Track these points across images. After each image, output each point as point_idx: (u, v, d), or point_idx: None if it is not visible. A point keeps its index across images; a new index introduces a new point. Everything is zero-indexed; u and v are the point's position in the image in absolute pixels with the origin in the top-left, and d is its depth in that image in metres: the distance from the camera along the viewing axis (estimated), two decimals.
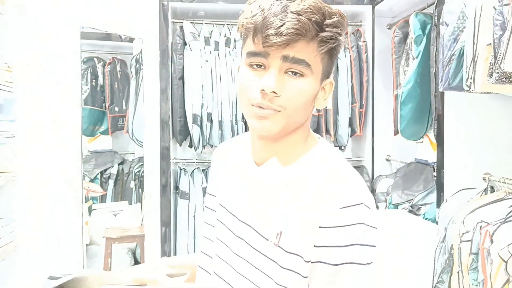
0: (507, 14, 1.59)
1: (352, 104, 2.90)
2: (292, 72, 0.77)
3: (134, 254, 3.44)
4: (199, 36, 2.93)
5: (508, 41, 1.56)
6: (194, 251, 3.01)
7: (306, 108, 0.80)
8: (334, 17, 0.77)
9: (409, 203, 2.43)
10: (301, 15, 0.74)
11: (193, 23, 3.01)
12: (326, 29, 0.76)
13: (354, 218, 0.74)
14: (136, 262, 3.38)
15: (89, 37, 3.58)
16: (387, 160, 3.01)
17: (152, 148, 2.86)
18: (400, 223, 2.20)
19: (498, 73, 1.64)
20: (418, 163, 2.59)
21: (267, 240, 0.80)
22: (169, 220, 2.89)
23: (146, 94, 2.87)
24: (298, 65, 0.76)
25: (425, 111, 2.41)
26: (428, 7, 2.42)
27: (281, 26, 0.73)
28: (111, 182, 3.85)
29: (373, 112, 2.92)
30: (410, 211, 2.36)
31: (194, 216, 2.96)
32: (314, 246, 0.75)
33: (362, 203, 0.76)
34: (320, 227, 0.75)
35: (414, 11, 2.50)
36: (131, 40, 3.55)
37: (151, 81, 2.85)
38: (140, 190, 3.49)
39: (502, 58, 1.59)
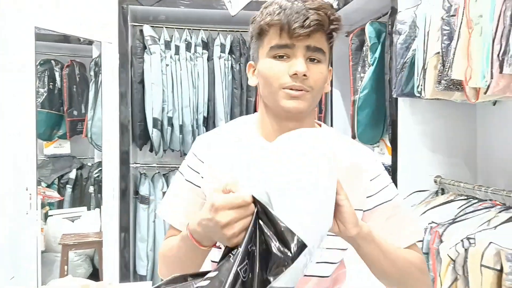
0: (454, 25, 1.68)
1: None
2: (312, 59, 0.93)
3: (92, 260, 3.36)
4: (159, 40, 2.92)
5: (455, 50, 1.64)
6: (154, 257, 2.97)
7: (323, 89, 0.98)
8: (336, 14, 0.94)
9: None
10: (319, 11, 0.90)
11: (153, 27, 2.99)
12: (334, 23, 0.94)
13: (380, 167, 1.05)
14: (95, 269, 3.30)
15: (46, 39, 3.48)
16: None
17: (111, 152, 2.82)
18: None
19: (446, 80, 1.72)
20: None
21: None
22: (128, 225, 2.84)
23: (105, 98, 2.82)
24: (318, 53, 0.93)
25: (381, 116, 2.48)
26: (383, 16, 2.50)
27: (305, 20, 0.89)
28: (69, 188, 3.75)
29: (332, 118, 2.99)
30: None
31: (154, 221, 2.93)
32: (367, 197, 1.00)
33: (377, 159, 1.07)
34: (370, 180, 1.01)
35: (370, 19, 2.58)
36: (90, 43, 3.48)
37: (110, 85, 2.81)
38: (99, 195, 3.41)
39: (449, 66, 1.67)
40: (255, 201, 0.72)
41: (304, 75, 0.91)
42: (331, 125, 2.98)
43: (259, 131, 1.02)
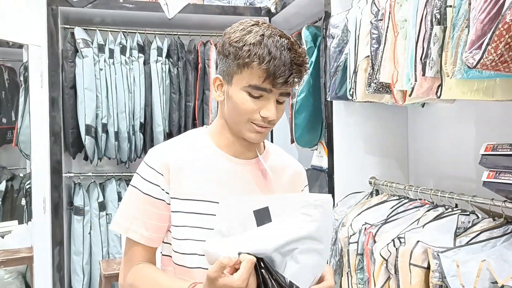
0: (382, 29, 1.72)
1: None
2: (281, 101, 1.03)
3: (24, 278, 3.16)
4: (92, 43, 2.80)
5: (382, 53, 1.67)
6: (90, 271, 2.83)
7: None
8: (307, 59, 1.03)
9: None
10: (302, 66, 0.99)
11: (86, 29, 2.86)
12: (307, 69, 1.03)
13: (306, 181, 1.23)
14: (27, 287, 3.11)
15: None
16: None
17: (41, 162, 2.66)
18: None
19: (375, 83, 1.75)
20: (314, 170, 2.69)
21: None
22: (62, 238, 2.69)
23: (33, 104, 2.66)
24: (287, 96, 1.03)
25: (318, 119, 2.51)
26: (319, 20, 2.54)
27: (290, 76, 0.97)
28: None
29: None
30: None
31: (90, 233, 2.80)
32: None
33: None
34: (301, 190, 1.20)
35: (307, 24, 2.61)
36: (20, 46, 3.29)
37: (39, 90, 2.66)
38: (31, 208, 3.22)
39: (378, 70, 1.70)
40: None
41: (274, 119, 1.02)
42: (272, 130, 2.97)
43: (214, 142, 1.10)
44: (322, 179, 2.64)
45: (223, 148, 1.09)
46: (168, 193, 1.05)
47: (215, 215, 1.02)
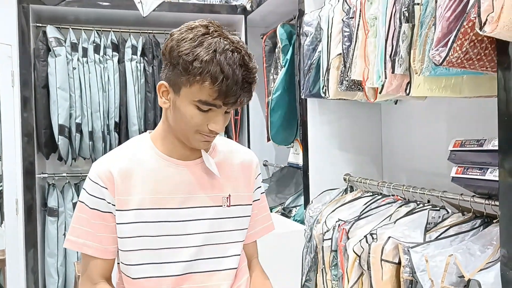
0: (353, 27, 1.73)
1: None
2: (228, 111, 1.01)
3: None
4: (65, 42, 2.75)
5: (354, 51, 1.68)
6: (65, 273, 2.79)
7: None
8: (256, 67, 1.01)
9: (282, 206, 2.51)
10: (252, 84, 0.98)
11: (58, 27, 2.81)
12: (255, 84, 1.01)
13: (259, 169, 1.23)
14: None
15: None
16: (265, 165, 3.10)
17: (12, 162, 2.61)
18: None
19: (347, 81, 1.76)
20: (291, 167, 2.70)
21: (220, 206, 1.10)
22: (36, 240, 2.64)
23: (3, 104, 2.60)
24: (236, 107, 1.02)
25: (294, 117, 2.52)
26: (294, 18, 2.54)
27: (240, 96, 0.96)
28: None
29: (248, 119, 2.99)
30: (282, 214, 2.45)
31: (64, 234, 2.75)
32: (253, 192, 1.18)
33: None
34: (255, 178, 1.19)
35: (282, 22, 2.61)
36: None
37: (10, 90, 2.60)
38: (3, 209, 3.15)
39: (349, 67, 1.71)
40: None
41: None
42: (248, 128, 2.98)
43: (158, 147, 1.09)
44: (298, 176, 2.66)
45: (167, 153, 1.09)
46: (114, 205, 1.06)
47: (162, 221, 1.05)
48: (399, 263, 1.45)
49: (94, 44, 2.79)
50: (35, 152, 2.70)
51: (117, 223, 1.05)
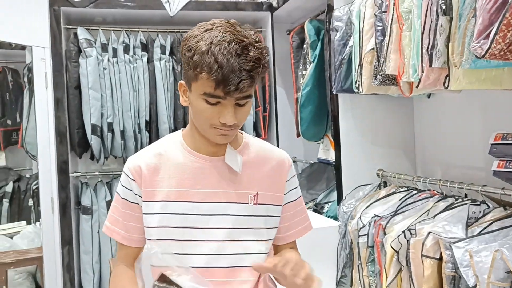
0: (386, 21, 1.71)
1: (256, 108, 2.94)
2: (241, 104, 1.01)
3: (35, 278, 3.18)
4: (95, 43, 2.79)
5: (388, 45, 1.67)
6: (100, 270, 2.85)
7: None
8: (265, 55, 1.00)
9: (313, 202, 2.51)
10: (252, 71, 0.96)
11: (88, 29, 2.86)
12: (263, 69, 1.00)
13: (294, 170, 1.22)
14: (37, 287, 3.13)
15: None
16: (293, 161, 3.09)
17: (47, 162, 2.67)
18: None
19: (381, 75, 1.75)
20: (321, 163, 2.69)
21: (246, 203, 1.10)
22: (71, 238, 2.71)
23: (38, 105, 2.67)
24: (246, 99, 1.02)
25: (324, 112, 2.51)
26: (322, 13, 2.53)
27: (239, 83, 0.95)
28: (5, 202, 3.53)
29: (276, 116, 2.99)
30: (314, 210, 2.44)
31: (98, 232, 2.81)
32: (284, 194, 1.17)
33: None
34: (286, 181, 1.17)
35: (310, 17, 2.60)
36: (23, 48, 3.29)
37: (44, 91, 2.66)
38: (39, 208, 3.23)
39: (383, 62, 1.70)
40: None
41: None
42: (276, 124, 2.98)
43: (187, 143, 1.13)
44: (329, 172, 2.65)
45: (194, 148, 1.12)
46: (141, 197, 1.11)
47: (186, 214, 1.08)
48: (441, 258, 1.44)
49: (124, 44, 2.83)
50: (68, 152, 2.76)
51: (144, 213, 1.11)
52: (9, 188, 3.56)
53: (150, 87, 2.85)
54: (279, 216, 1.16)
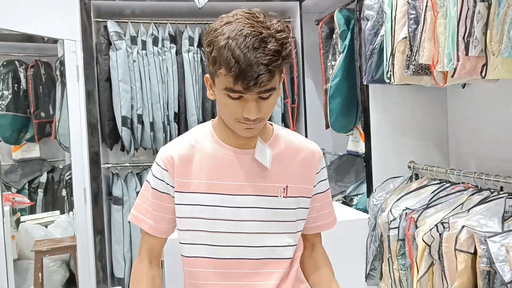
0: (420, 9, 1.66)
1: (284, 99, 2.92)
2: (264, 97, 0.99)
3: (68, 266, 3.28)
4: (125, 35, 2.83)
5: (421, 34, 1.62)
6: (131, 258, 2.91)
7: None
8: (287, 46, 0.97)
9: (342, 194, 2.48)
10: (270, 65, 0.94)
11: (118, 22, 2.89)
12: (284, 61, 0.97)
13: (324, 162, 1.20)
14: (71, 274, 3.22)
15: (8, 39, 3.35)
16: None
17: (80, 153, 2.73)
18: None
19: (414, 65, 1.70)
20: (350, 155, 2.66)
21: (276, 196, 1.10)
22: (103, 228, 2.77)
23: (70, 97, 2.72)
24: (269, 92, 0.99)
25: (353, 104, 2.47)
26: (351, 2, 2.48)
27: (257, 77, 0.93)
28: (40, 192, 3.64)
29: (305, 107, 2.96)
30: (343, 202, 2.42)
31: (129, 223, 2.86)
32: (314, 186, 1.16)
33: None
34: (316, 173, 1.16)
35: (339, 6, 2.55)
36: (55, 41, 3.36)
37: (75, 84, 2.71)
38: (72, 198, 3.31)
39: (417, 51, 1.65)
40: None
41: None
42: (305, 116, 2.95)
43: (217, 135, 1.13)
44: (358, 164, 2.61)
45: (224, 140, 1.11)
46: (173, 187, 1.11)
47: (216, 206, 1.09)
48: (475, 253, 1.40)
49: (153, 36, 2.85)
50: (100, 143, 2.81)
51: (176, 204, 1.11)
52: (43, 178, 3.67)
53: (178, 79, 2.87)
54: (308, 208, 1.16)
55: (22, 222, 3.35)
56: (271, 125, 1.18)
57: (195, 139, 1.13)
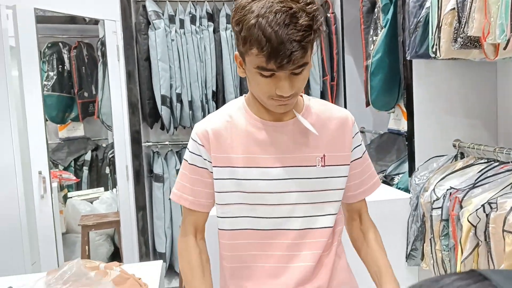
0: None
1: (323, 77, 2.87)
2: (296, 72, 0.97)
3: (113, 240, 3.41)
4: (163, 15, 2.84)
5: (471, 4, 1.53)
6: (172, 234, 2.98)
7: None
8: (318, 18, 0.95)
9: (383, 173, 2.43)
10: (303, 42, 0.92)
11: (156, 1, 2.91)
12: (316, 34, 0.95)
13: (357, 127, 1.18)
14: (116, 248, 3.35)
15: (52, 21, 3.45)
16: (361, 131, 3.01)
17: (121, 132, 2.80)
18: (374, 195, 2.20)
19: (462, 37, 1.61)
20: (391, 134, 2.59)
21: (314, 166, 1.09)
22: (145, 204, 2.85)
23: (111, 77, 2.78)
24: (302, 67, 0.97)
25: (395, 80, 2.39)
26: None
27: (290, 55, 0.91)
28: (85, 169, 3.78)
29: (344, 85, 2.90)
30: (383, 182, 2.37)
31: (169, 199, 2.92)
32: (351, 151, 1.14)
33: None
34: (351, 137, 1.14)
35: None
36: (96, 22, 3.43)
37: (116, 64, 2.77)
38: (115, 175, 3.43)
39: (465, 23, 1.57)
40: None
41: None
42: (344, 93, 2.89)
43: (251, 109, 1.12)
44: (400, 143, 2.54)
45: (259, 115, 1.10)
46: (210, 162, 1.11)
47: (255, 179, 1.08)
48: None
49: (190, 15, 2.85)
50: (140, 122, 2.87)
51: (214, 179, 1.12)
52: (88, 156, 3.81)
53: (216, 57, 2.86)
54: (346, 176, 1.14)
55: (69, 198, 3.50)
56: (301, 96, 1.16)
57: (229, 114, 1.13)
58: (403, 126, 2.34)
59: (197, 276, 1.14)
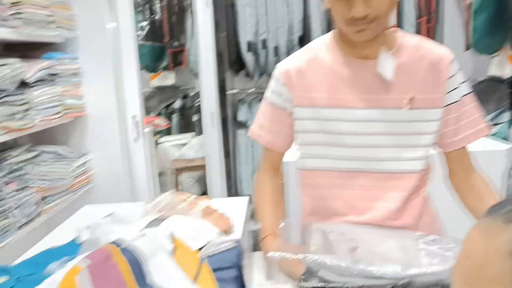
0: None
1: (418, 18, 2.65)
2: None
3: (200, 184, 3.59)
4: None
5: None
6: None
7: (391, 10, 0.98)
8: None
9: None
10: None
11: None
12: None
13: (457, 65, 1.06)
14: (205, 192, 3.53)
15: None
16: None
17: (208, 79, 2.86)
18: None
19: None
20: (491, 81, 2.35)
21: (402, 108, 1.04)
22: (229, 150, 2.93)
23: (199, 25, 2.82)
24: None
25: (502, 20, 2.14)
26: None
27: None
28: (175, 116, 3.96)
29: (442, 27, 2.66)
30: None
31: (252, 146, 2.99)
32: (445, 94, 1.05)
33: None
34: (447, 78, 1.04)
35: None
36: None
37: (204, 11, 2.79)
38: (202, 123, 3.55)
39: None
40: None
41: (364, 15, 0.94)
42: (442, 35, 2.66)
43: (337, 46, 1.08)
44: (501, 91, 2.32)
45: (345, 50, 1.06)
46: (290, 101, 1.10)
47: (338, 120, 1.06)
48: None
49: None
50: (226, 70, 2.91)
51: (297, 119, 1.10)
52: (177, 104, 3.98)
53: (303, 1, 2.77)
54: (438, 120, 1.06)
55: (160, 142, 3.71)
56: (397, 32, 1.09)
57: (314, 52, 1.10)
58: (507, 72, 2.12)
59: (268, 211, 1.15)
